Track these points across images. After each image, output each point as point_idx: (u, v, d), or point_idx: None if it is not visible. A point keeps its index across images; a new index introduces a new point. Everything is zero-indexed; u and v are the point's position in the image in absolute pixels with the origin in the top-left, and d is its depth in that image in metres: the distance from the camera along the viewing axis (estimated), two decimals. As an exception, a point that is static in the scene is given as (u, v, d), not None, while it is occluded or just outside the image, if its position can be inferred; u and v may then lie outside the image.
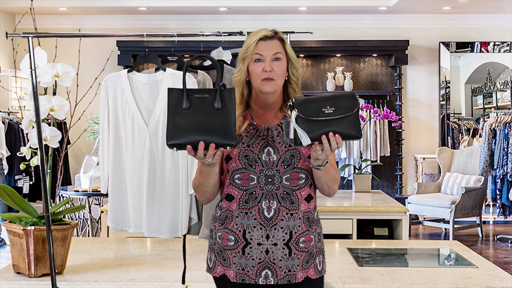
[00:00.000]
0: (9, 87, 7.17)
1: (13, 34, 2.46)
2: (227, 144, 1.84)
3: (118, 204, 2.74)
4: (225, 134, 1.84)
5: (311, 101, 1.86)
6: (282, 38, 2.06)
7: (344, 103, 1.86)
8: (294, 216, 2.00)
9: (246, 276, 1.99)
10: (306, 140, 1.83)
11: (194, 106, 1.86)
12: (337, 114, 1.84)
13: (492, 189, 6.85)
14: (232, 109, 1.86)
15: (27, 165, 2.86)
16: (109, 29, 8.11)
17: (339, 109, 1.85)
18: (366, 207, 4.08)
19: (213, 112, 1.86)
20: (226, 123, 1.85)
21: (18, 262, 2.40)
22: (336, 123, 1.84)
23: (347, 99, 1.87)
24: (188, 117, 1.85)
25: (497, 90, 8.34)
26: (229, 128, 1.84)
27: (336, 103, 1.85)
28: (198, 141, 1.82)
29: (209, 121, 1.85)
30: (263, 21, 7.99)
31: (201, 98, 1.87)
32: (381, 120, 7.71)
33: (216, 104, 1.86)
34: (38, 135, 2.32)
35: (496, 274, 2.45)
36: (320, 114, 1.84)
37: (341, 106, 1.85)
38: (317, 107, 1.84)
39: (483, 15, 8.13)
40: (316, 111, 1.84)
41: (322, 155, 1.87)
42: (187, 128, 1.84)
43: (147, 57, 2.71)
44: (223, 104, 1.87)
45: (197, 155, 1.85)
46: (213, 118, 1.85)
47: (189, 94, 1.87)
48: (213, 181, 2.00)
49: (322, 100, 1.86)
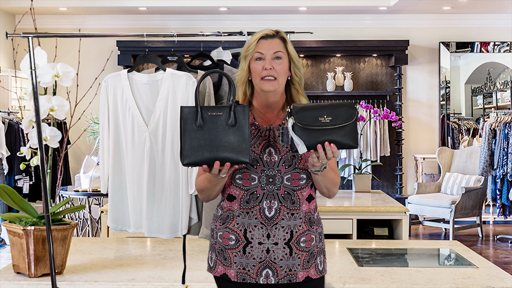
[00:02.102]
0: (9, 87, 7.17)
1: (13, 34, 2.46)
2: (242, 162, 1.86)
3: (118, 204, 2.74)
4: (240, 151, 1.85)
5: (309, 109, 1.86)
6: (284, 38, 2.07)
7: (342, 112, 1.86)
8: (295, 216, 2.00)
9: (247, 276, 2.00)
10: (302, 148, 1.84)
11: (208, 124, 1.87)
12: (334, 124, 1.85)
13: (492, 189, 6.85)
14: (246, 126, 1.88)
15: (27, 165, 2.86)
16: (109, 29, 8.11)
17: (337, 118, 1.85)
18: (366, 207, 4.08)
19: (227, 129, 1.87)
20: (241, 140, 1.86)
21: (18, 262, 2.40)
22: (332, 132, 1.84)
23: (346, 108, 1.87)
24: (202, 136, 1.86)
25: (497, 90, 8.34)
26: (244, 145, 1.86)
27: (334, 112, 1.85)
28: (214, 159, 1.84)
29: (224, 139, 1.86)
30: (263, 21, 7.99)
31: (215, 116, 1.88)
32: (381, 120, 7.71)
33: (230, 121, 1.88)
34: (38, 135, 2.32)
35: (496, 274, 2.45)
36: (317, 123, 1.84)
37: (339, 115, 1.85)
38: (314, 116, 1.85)
39: (483, 15, 8.13)
40: (313, 119, 1.84)
41: (318, 162, 1.88)
42: (201, 147, 1.85)
43: (147, 57, 2.71)
44: (237, 121, 1.88)
45: (212, 172, 1.87)
46: (228, 136, 1.86)
47: (203, 112, 1.88)
48: (220, 187, 2.02)
49: (320, 108, 1.86)
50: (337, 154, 1.86)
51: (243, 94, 2.09)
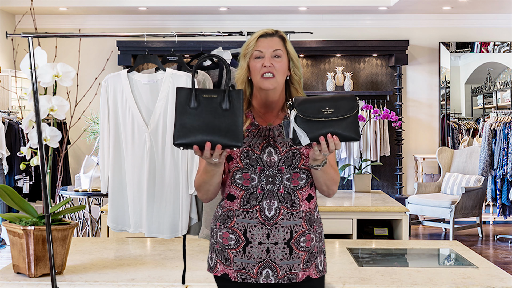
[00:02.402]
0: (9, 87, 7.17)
1: (13, 34, 2.46)
2: (234, 145, 1.85)
3: (118, 204, 2.74)
4: (232, 135, 1.84)
5: (311, 101, 1.86)
6: (283, 37, 2.07)
7: (343, 104, 1.86)
8: (294, 216, 2.00)
9: (247, 275, 2.00)
10: (305, 139, 1.83)
11: (202, 106, 1.87)
12: (336, 115, 1.85)
13: (492, 189, 6.85)
14: (239, 110, 1.87)
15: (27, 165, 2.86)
16: (109, 29, 8.11)
17: (338, 110, 1.85)
18: (366, 207, 4.08)
19: (221, 112, 1.86)
20: (234, 124, 1.85)
21: (18, 262, 2.40)
22: (334, 124, 1.84)
23: (347, 101, 1.87)
24: (195, 117, 1.85)
25: (497, 90, 8.34)
26: (236, 129, 1.85)
27: (336, 104, 1.86)
28: (204, 141, 1.83)
29: (217, 122, 1.85)
30: (263, 21, 7.99)
31: (209, 98, 1.88)
32: (381, 120, 7.71)
33: (224, 104, 1.87)
34: (38, 135, 2.32)
35: (496, 274, 2.45)
36: (319, 114, 1.84)
37: (341, 107, 1.85)
38: (316, 108, 1.85)
39: (483, 15, 8.13)
40: (315, 111, 1.84)
41: (320, 155, 1.88)
42: (194, 128, 1.84)
43: (147, 57, 2.71)
44: (231, 105, 1.87)
45: (204, 155, 1.86)
46: (220, 118, 1.85)
47: (198, 94, 1.88)
48: (217, 180, 2.00)
49: (322, 100, 1.86)
50: (339, 147, 1.85)
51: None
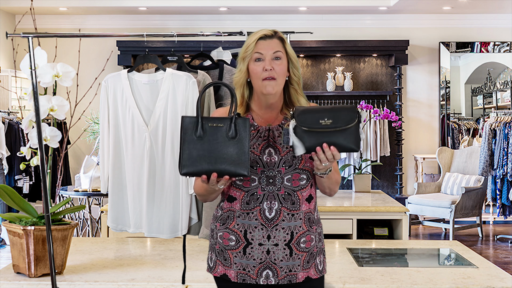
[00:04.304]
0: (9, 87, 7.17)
1: (13, 34, 2.46)
2: (240, 175, 1.86)
3: (118, 204, 2.74)
4: (238, 164, 1.86)
5: (310, 111, 1.87)
6: (282, 38, 2.06)
7: (343, 115, 1.86)
8: (295, 217, 2.00)
9: (247, 276, 1.99)
10: (300, 150, 1.85)
11: (208, 135, 1.88)
12: (334, 127, 1.85)
13: (492, 189, 6.85)
14: (246, 139, 1.88)
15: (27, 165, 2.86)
16: (109, 29, 8.11)
17: (337, 121, 1.86)
18: (366, 207, 4.08)
19: (227, 141, 1.87)
20: (240, 152, 1.86)
21: (18, 262, 2.40)
22: (332, 135, 1.85)
23: (347, 111, 1.87)
24: (202, 146, 1.87)
25: (497, 90, 8.34)
26: (243, 158, 1.86)
27: (335, 115, 1.86)
28: (212, 171, 1.85)
29: (223, 151, 1.86)
30: (263, 21, 7.99)
31: (215, 128, 1.88)
32: (381, 120, 7.71)
33: (230, 133, 1.88)
34: (38, 135, 2.32)
35: (496, 274, 2.45)
36: (317, 125, 1.85)
37: (340, 118, 1.86)
38: (315, 118, 1.86)
39: (483, 15, 8.13)
40: (314, 122, 1.85)
41: (321, 165, 1.88)
42: (200, 158, 1.86)
43: (147, 57, 2.71)
44: (237, 134, 1.88)
45: (210, 183, 1.88)
46: (227, 148, 1.87)
47: (204, 123, 1.88)
48: (216, 196, 2.03)
49: (321, 111, 1.87)
50: (338, 157, 1.86)
51: (241, 97, 2.07)
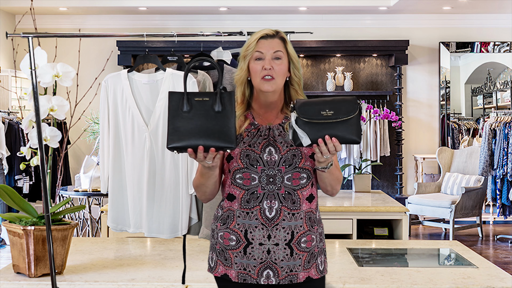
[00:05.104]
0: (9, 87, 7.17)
1: (13, 34, 2.46)
2: (227, 147, 1.86)
3: (118, 204, 2.74)
4: (224, 137, 1.86)
5: (311, 103, 1.87)
6: (284, 38, 2.07)
7: (344, 107, 1.86)
8: (295, 216, 2.00)
9: (248, 276, 1.99)
10: (306, 140, 1.84)
11: (195, 109, 1.88)
12: (336, 118, 1.85)
13: (492, 189, 6.85)
14: (232, 112, 1.88)
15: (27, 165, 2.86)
16: (109, 29, 8.11)
17: (338, 112, 1.85)
18: (366, 207, 4.08)
19: (213, 115, 1.88)
20: (226, 126, 1.87)
21: (18, 262, 2.40)
22: (334, 126, 1.85)
23: (348, 103, 1.87)
24: (188, 120, 1.87)
25: (497, 90, 8.34)
26: (229, 131, 1.86)
27: (336, 106, 1.86)
28: (198, 144, 1.85)
29: (209, 124, 1.87)
30: (263, 21, 7.99)
31: (201, 102, 1.89)
32: (381, 120, 7.71)
33: (216, 107, 1.88)
34: (38, 135, 2.32)
35: (496, 274, 2.45)
36: (319, 116, 1.85)
37: (341, 109, 1.86)
38: (316, 110, 1.85)
39: (483, 15, 8.13)
40: (315, 113, 1.85)
41: (322, 158, 1.88)
42: (187, 131, 1.86)
43: (147, 57, 2.71)
44: (223, 107, 1.88)
45: (197, 158, 1.87)
46: (213, 121, 1.87)
47: (190, 98, 1.89)
48: (212, 182, 2.01)
49: (322, 103, 1.87)
50: (339, 149, 1.86)
51: (242, 95, 2.09)
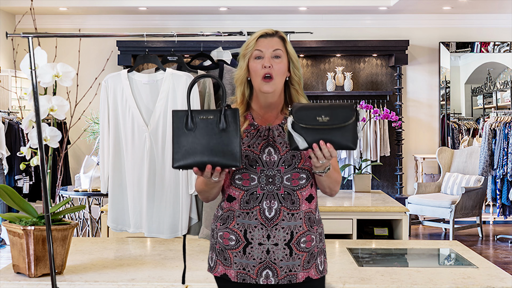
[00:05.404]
0: (9, 87, 7.17)
1: (13, 34, 2.46)
2: (232, 166, 1.87)
3: (118, 204, 2.74)
4: (230, 155, 1.87)
5: (308, 108, 1.88)
6: (283, 37, 2.07)
7: (340, 113, 1.86)
8: (295, 216, 2.00)
9: (247, 276, 1.99)
10: (303, 144, 1.86)
11: (199, 127, 1.89)
12: (331, 124, 1.85)
13: (492, 189, 6.85)
14: (236, 130, 1.89)
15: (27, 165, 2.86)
16: (109, 29, 8.11)
17: (334, 119, 1.86)
18: (366, 207, 4.08)
19: (217, 133, 1.89)
20: (231, 144, 1.87)
21: (18, 262, 2.40)
22: (329, 132, 1.85)
23: (345, 109, 1.87)
24: (193, 139, 1.88)
25: (497, 90, 8.34)
26: (234, 150, 1.87)
27: (332, 112, 1.86)
28: (203, 163, 1.86)
29: (214, 143, 1.88)
30: (263, 21, 7.99)
31: (205, 120, 1.90)
32: (381, 120, 7.71)
33: (220, 125, 1.89)
34: (38, 135, 2.32)
35: (496, 274, 2.45)
36: (314, 122, 1.85)
37: (337, 116, 1.86)
38: (312, 115, 1.86)
39: (483, 15, 8.13)
40: (311, 119, 1.86)
41: (318, 162, 1.88)
42: (192, 150, 1.87)
43: (147, 57, 2.71)
44: (228, 125, 1.89)
45: (204, 176, 1.89)
46: (218, 139, 1.88)
47: (194, 116, 1.90)
48: (216, 190, 2.03)
49: (319, 108, 1.87)
50: (334, 154, 1.86)
51: (241, 95, 2.09)
